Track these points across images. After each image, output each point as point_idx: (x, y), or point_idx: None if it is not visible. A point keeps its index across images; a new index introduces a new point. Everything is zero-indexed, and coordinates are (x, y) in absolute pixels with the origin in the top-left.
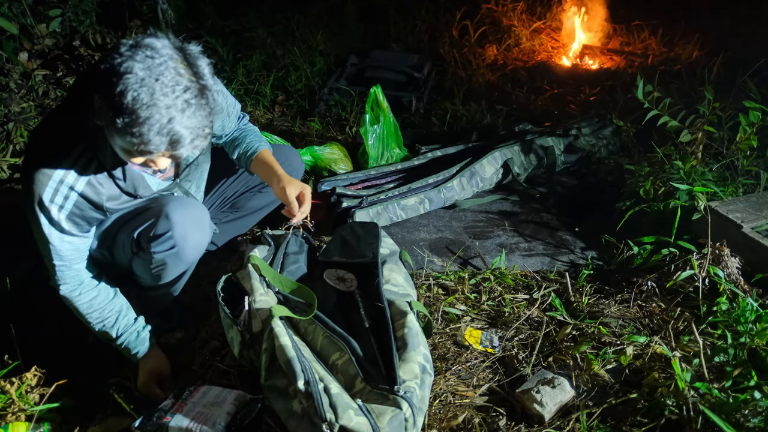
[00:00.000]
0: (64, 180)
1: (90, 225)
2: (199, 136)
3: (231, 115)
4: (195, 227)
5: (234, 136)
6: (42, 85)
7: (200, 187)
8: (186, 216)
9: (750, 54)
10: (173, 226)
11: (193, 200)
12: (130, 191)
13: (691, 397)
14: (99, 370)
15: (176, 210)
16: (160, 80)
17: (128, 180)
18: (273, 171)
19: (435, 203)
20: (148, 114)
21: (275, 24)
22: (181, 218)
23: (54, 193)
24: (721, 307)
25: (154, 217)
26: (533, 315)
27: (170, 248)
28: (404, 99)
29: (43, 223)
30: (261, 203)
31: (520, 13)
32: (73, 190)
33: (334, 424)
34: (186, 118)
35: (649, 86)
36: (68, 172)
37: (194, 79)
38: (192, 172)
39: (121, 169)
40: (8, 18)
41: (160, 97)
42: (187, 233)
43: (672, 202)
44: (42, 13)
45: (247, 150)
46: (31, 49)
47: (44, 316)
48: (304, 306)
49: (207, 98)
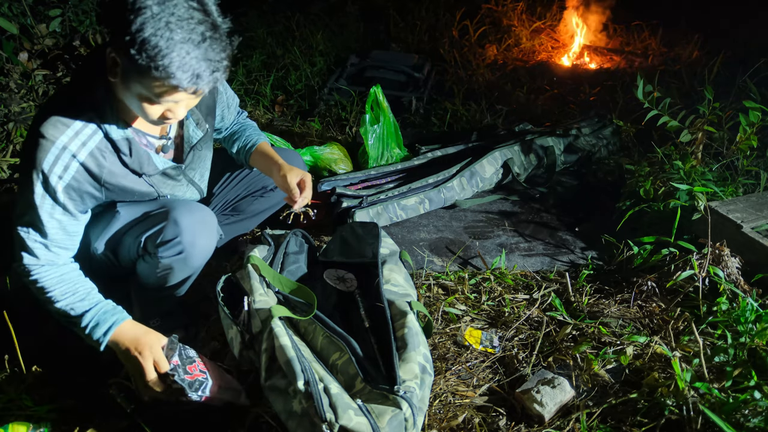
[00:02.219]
0: (67, 147)
1: (83, 204)
2: (218, 69)
3: (231, 106)
4: (203, 233)
5: (233, 130)
6: (42, 85)
7: (204, 176)
8: (194, 221)
9: (750, 54)
10: (181, 231)
11: (200, 205)
12: (135, 168)
13: (691, 397)
14: (99, 370)
15: (184, 215)
16: (176, 14)
17: (134, 155)
18: (273, 161)
19: (435, 203)
20: (168, 47)
21: (275, 24)
22: (190, 223)
23: (55, 161)
24: (721, 307)
25: (162, 222)
26: (533, 315)
27: (178, 253)
28: (404, 99)
29: (37, 192)
30: (262, 207)
31: (520, 13)
32: (75, 159)
33: (333, 424)
34: (204, 50)
35: (649, 86)
36: (72, 139)
37: (206, 16)
38: (195, 159)
39: (127, 143)
40: (8, 18)
41: (178, 31)
42: (195, 239)
43: (672, 202)
44: (42, 13)
45: (247, 143)
46: (31, 49)
47: (44, 316)
48: (304, 306)
49: (220, 33)
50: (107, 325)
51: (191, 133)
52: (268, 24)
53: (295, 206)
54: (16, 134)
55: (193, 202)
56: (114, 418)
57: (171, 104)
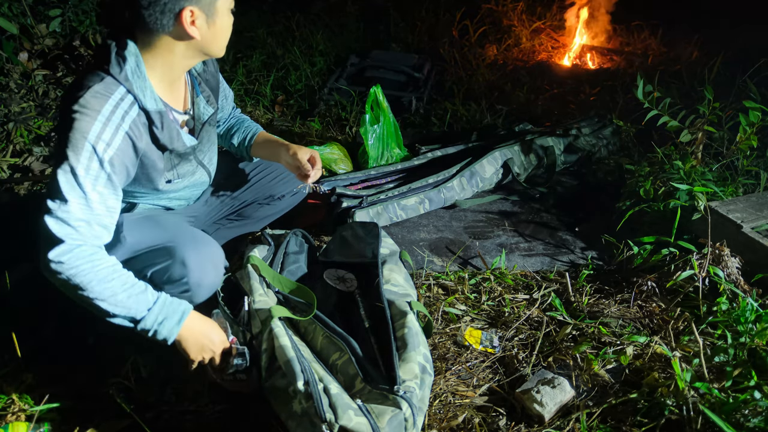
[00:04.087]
0: (113, 116)
1: (122, 176)
2: None
3: (228, 97)
4: (210, 272)
5: (230, 124)
6: (42, 85)
7: (213, 160)
8: (202, 260)
9: (750, 54)
10: (189, 272)
11: (207, 237)
12: (165, 142)
13: (691, 397)
14: (99, 370)
15: (191, 254)
16: None
17: (165, 129)
18: (278, 143)
19: (435, 203)
20: None
21: (275, 24)
22: (197, 264)
23: (103, 128)
24: (721, 307)
25: (169, 260)
26: (533, 315)
27: (184, 291)
28: (404, 99)
29: (82, 163)
30: (267, 213)
31: (520, 13)
32: (121, 127)
33: (333, 424)
34: None
35: (649, 86)
36: (115, 109)
37: None
38: (205, 139)
39: (160, 116)
40: (8, 18)
41: None
42: (202, 279)
43: (672, 202)
44: (42, 13)
45: (246, 134)
46: (31, 49)
47: (44, 316)
48: (304, 306)
49: None
50: (177, 317)
51: (202, 110)
52: (268, 24)
53: (309, 180)
54: (16, 134)
55: (200, 234)
56: (114, 418)
57: None
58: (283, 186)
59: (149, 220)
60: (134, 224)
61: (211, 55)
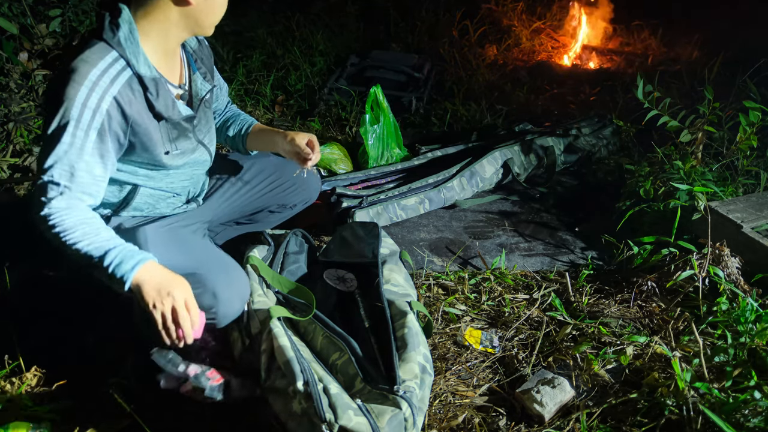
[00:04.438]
0: (100, 80)
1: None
2: None
3: (222, 88)
4: (237, 304)
5: (226, 117)
6: (42, 85)
7: (212, 140)
8: (231, 294)
9: (750, 54)
10: (219, 304)
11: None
12: (161, 109)
13: (691, 397)
14: (99, 370)
15: (223, 286)
16: None
17: (161, 97)
18: (274, 132)
19: (435, 203)
20: None
21: (275, 24)
22: (227, 297)
23: (89, 94)
24: (721, 307)
25: (200, 287)
26: (533, 315)
27: (210, 319)
28: (404, 99)
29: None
30: (276, 219)
31: (520, 13)
32: (108, 93)
33: (333, 424)
34: None
35: (649, 86)
36: (104, 74)
37: None
38: (203, 117)
39: (155, 83)
40: (8, 18)
41: None
42: (229, 311)
43: (672, 202)
44: (42, 13)
45: (242, 126)
46: (31, 49)
47: (44, 316)
48: (304, 306)
49: None
50: (134, 261)
51: (200, 86)
52: (268, 24)
53: (309, 164)
54: (16, 134)
55: (230, 261)
56: (114, 418)
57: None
58: (297, 195)
59: (175, 239)
60: (159, 240)
61: (202, 31)
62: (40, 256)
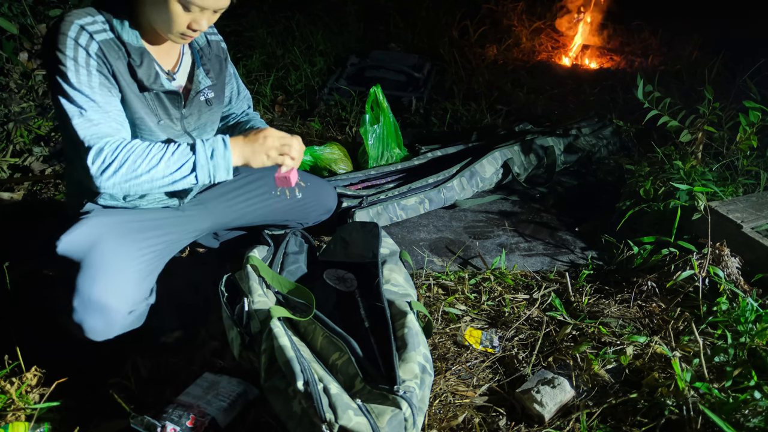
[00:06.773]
0: (86, 27)
1: (115, 87)
2: None
3: (240, 93)
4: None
5: (240, 120)
6: (42, 85)
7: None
8: (93, 304)
9: (750, 54)
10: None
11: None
12: (143, 78)
13: (691, 397)
14: (99, 370)
15: (97, 293)
16: None
17: (144, 66)
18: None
19: (435, 203)
20: None
21: (275, 24)
22: (90, 304)
23: (79, 32)
24: (721, 307)
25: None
26: (533, 315)
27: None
28: (404, 99)
29: (70, 68)
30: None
31: (520, 13)
32: (93, 39)
33: (333, 424)
34: None
35: (649, 86)
36: (90, 24)
37: None
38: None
39: (140, 53)
40: (8, 18)
41: None
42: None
43: (672, 202)
44: (42, 13)
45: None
46: (31, 49)
47: (44, 316)
48: (303, 306)
49: None
50: (221, 143)
51: (200, 80)
52: (268, 24)
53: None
54: (16, 134)
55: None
56: (114, 418)
57: (197, 14)
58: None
59: (119, 231)
60: (108, 228)
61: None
62: (40, 256)
